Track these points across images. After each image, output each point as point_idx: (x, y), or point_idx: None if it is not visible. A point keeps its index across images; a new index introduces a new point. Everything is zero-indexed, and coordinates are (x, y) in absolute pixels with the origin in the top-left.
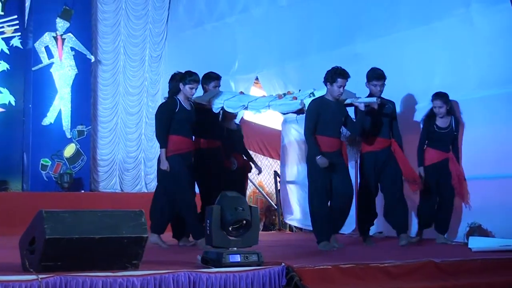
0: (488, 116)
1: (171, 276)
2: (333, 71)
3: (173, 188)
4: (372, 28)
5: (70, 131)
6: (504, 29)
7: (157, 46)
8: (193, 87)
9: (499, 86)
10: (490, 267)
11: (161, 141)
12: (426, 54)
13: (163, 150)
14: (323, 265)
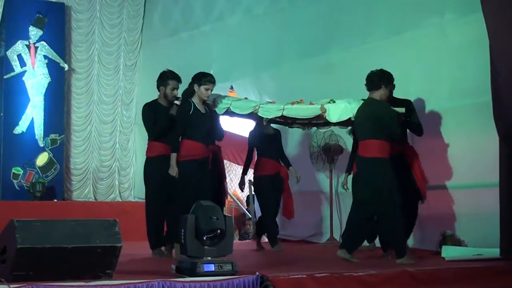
0: (460, 125)
1: (145, 285)
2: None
3: (177, 194)
4: (347, 38)
5: (42, 140)
6: (477, 39)
7: (131, 54)
8: (208, 88)
9: (472, 96)
10: (463, 276)
11: (175, 145)
12: (400, 64)
13: (175, 154)
14: (298, 274)
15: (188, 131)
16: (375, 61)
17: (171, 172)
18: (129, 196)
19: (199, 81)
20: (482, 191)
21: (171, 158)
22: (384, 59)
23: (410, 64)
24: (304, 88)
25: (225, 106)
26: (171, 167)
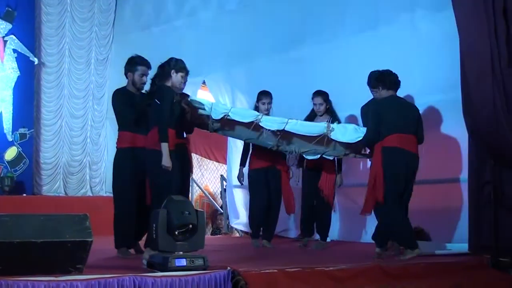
0: (431, 121)
1: (115, 280)
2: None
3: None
4: (319, 33)
5: (11, 134)
6: (448, 35)
7: (103, 48)
8: (183, 76)
9: (443, 91)
10: (433, 270)
11: (164, 134)
12: (371, 59)
13: (167, 144)
14: (269, 269)
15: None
16: (346, 56)
17: (166, 163)
18: (100, 191)
19: (175, 67)
20: (451, 187)
21: (164, 149)
22: (355, 54)
23: (381, 60)
24: (276, 83)
25: (224, 112)
26: (165, 157)
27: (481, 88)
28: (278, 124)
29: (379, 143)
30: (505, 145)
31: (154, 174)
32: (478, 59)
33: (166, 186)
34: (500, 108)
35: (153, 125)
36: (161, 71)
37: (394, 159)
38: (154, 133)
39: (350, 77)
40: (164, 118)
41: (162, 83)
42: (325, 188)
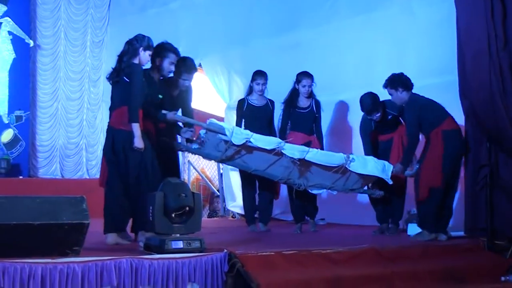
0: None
1: (112, 262)
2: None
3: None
4: (315, 16)
5: (7, 117)
6: (444, 18)
7: (99, 31)
8: (151, 54)
9: (438, 75)
10: (428, 253)
11: (136, 114)
12: (367, 43)
13: (138, 125)
14: (266, 251)
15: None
16: (342, 40)
17: (139, 144)
18: (96, 173)
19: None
20: None
21: (136, 129)
22: (351, 37)
23: (378, 43)
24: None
25: (245, 137)
26: (137, 138)
27: (477, 71)
28: (300, 152)
29: (437, 128)
30: (502, 127)
31: (124, 156)
32: (475, 41)
33: (139, 168)
34: (496, 90)
35: (121, 104)
36: (129, 48)
37: (454, 142)
38: (121, 112)
39: (345, 61)
40: (135, 97)
41: (131, 60)
42: None
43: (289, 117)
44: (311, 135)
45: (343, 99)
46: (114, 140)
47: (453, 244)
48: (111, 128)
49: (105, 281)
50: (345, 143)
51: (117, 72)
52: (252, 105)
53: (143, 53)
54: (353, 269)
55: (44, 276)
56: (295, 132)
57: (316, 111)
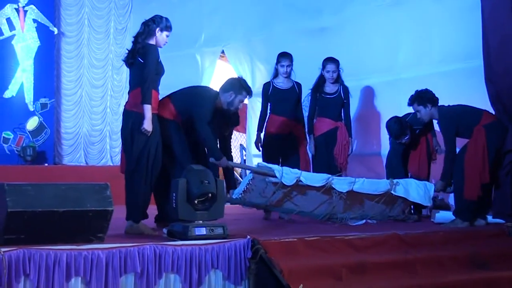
0: (451, 90)
1: (136, 249)
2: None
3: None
4: (339, 1)
5: (32, 104)
6: (469, 3)
7: (122, 18)
8: (168, 35)
9: (462, 60)
10: (452, 239)
11: (148, 96)
12: (392, 28)
13: (149, 106)
14: (288, 237)
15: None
16: (367, 25)
17: (147, 126)
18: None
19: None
20: None
21: (147, 111)
22: (376, 22)
23: (403, 28)
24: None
25: (296, 176)
26: (147, 120)
27: (503, 56)
28: (348, 184)
29: (478, 126)
30: None
31: (130, 139)
32: (500, 26)
33: (142, 152)
34: None
35: (136, 86)
36: (145, 28)
37: (497, 132)
38: (136, 94)
39: (369, 46)
40: (148, 78)
41: (146, 41)
42: (340, 156)
43: (316, 103)
44: (338, 121)
45: (369, 84)
46: (124, 121)
47: (476, 230)
48: (125, 110)
49: (129, 267)
50: (373, 128)
51: (132, 54)
52: (278, 88)
53: (159, 33)
54: (376, 255)
55: (69, 262)
56: (322, 118)
57: (344, 97)
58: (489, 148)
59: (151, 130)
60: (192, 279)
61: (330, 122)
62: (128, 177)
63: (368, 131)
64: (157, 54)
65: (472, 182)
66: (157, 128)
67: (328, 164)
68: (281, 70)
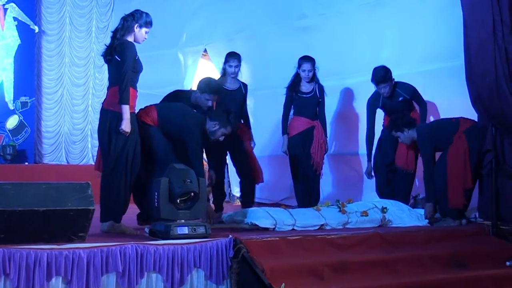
0: (433, 89)
1: (118, 248)
2: None
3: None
4: (321, 1)
5: (13, 103)
6: (451, 3)
7: (104, 16)
8: (148, 31)
9: (445, 59)
10: (433, 237)
11: (126, 95)
12: (374, 28)
13: (127, 106)
14: (271, 237)
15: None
16: (349, 25)
17: (125, 127)
18: None
19: (139, 20)
20: None
21: (125, 111)
22: (358, 22)
23: (385, 28)
24: (278, 51)
25: (291, 224)
26: (125, 121)
27: (483, 56)
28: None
29: (458, 132)
30: (507, 112)
31: (107, 139)
32: (481, 26)
33: (121, 152)
34: (502, 76)
35: (113, 84)
36: (124, 24)
37: (477, 135)
38: (114, 92)
39: (352, 46)
40: (125, 77)
41: (123, 38)
42: (317, 155)
43: (292, 102)
44: (315, 120)
45: (351, 84)
46: (103, 121)
47: (457, 229)
48: (102, 109)
49: (110, 266)
50: (352, 128)
51: (110, 50)
52: (225, 88)
53: (138, 30)
54: (358, 254)
55: (49, 262)
56: (298, 117)
57: (320, 96)
58: (471, 152)
59: (129, 130)
60: (174, 278)
61: (307, 121)
62: (106, 177)
63: (346, 131)
64: (135, 51)
65: (456, 190)
66: (136, 127)
67: (304, 163)
68: (229, 70)
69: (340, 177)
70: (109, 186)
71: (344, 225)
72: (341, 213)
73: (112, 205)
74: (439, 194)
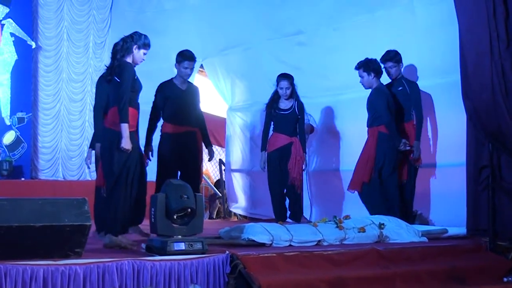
0: (429, 105)
1: (114, 264)
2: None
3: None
4: (316, 17)
5: (9, 118)
6: (445, 19)
7: (101, 32)
8: (146, 52)
9: (440, 75)
10: (430, 253)
11: (125, 115)
12: (369, 43)
13: (127, 125)
14: (267, 253)
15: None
16: (344, 40)
17: (126, 145)
18: None
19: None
20: (450, 171)
21: (124, 130)
22: (353, 38)
23: (380, 43)
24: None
25: (288, 239)
26: (125, 139)
27: (479, 71)
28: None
29: (376, 128)
30: (504, 128)
31: (109, 156)
32: (477, 41)
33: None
34: (498, 91)
35: (113, 104)
36: (123, 45)
37: (388, 144)
38: (114, 112)
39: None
40: (124, 97)
41: (123, 59)
42: (293, 170)
43: (271, 119)
44: (293, 137)
45: (345, 99)
46: (104, 140)
47: (454, 245)
48: (103, 128)
49: (107, 283)
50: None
51: (110, 71)
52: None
53: (136, 51)
54: (355, 270)
55: (46, 278)
56: (277, 134)
57: (299, 113)
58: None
59: (129, 148)
60: None
61: (285, 137)
62: (108, 192)
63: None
64: (133, 72)
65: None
66: (137, 145)
67: (281, 178)
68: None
69: (321, 193)
70: (110, 202)
71: (341, 241)
72: (338, 229)
73: (111, 219)
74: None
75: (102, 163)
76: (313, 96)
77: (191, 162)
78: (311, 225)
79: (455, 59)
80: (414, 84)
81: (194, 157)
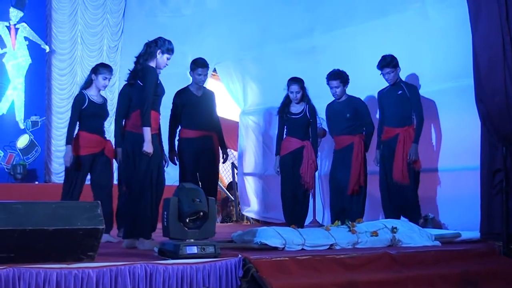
0: (441, 109)
1: (127, 268)
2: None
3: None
4: (330, 20)
5: (23, 122)
6: (459, 23)
7: (114, 36)
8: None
9: (453, 79)
10: (443, 257)
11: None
12: (382, 47)
13: (149, 129)
14: (280, 256)
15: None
16: (357, 44)
17: (148, 149)
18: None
19: (162, 47)
20: (463, 175)
21: (146, 133)
22: (366, 42)
23: (392, 48)
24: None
25: (300, 243)
26: (147, 143)
27: (493, 75)
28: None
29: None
30: None
31: (132, 159)
32: (490, 46)
33: (145, 174)
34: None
35: (136, 108)
36: (147, 50)
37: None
38: (136, 115)
39: (359, 65)
40: (147, 101)
41: (146, 63)
42: (306, 175)
43: (284, 123)
44: (305, 140)
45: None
46: (126, 143)
47: (468, 249)
48: (126, 131)
49: (119, 286)
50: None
51: (133, 75)
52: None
53: (160, 56)
54: (367, 274)
55: (59, 281)
56: (289, 137)
57: (310, 117)
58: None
59: (151, 151)
60: None
61: (297, 141)
62: (134, 197)
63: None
64: (156, 76)
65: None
66: (158, 148)
67: (294, 182)
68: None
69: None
70: (138, 206)
71: (354, 245)
72: (350, 233)
73: (141, 223)
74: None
75: (125, 167)
76: (326, 100)
77: (208, 166)
78: (324, 229)
79: (468, 62)
80: (414, 87)
81: (211, 161)
